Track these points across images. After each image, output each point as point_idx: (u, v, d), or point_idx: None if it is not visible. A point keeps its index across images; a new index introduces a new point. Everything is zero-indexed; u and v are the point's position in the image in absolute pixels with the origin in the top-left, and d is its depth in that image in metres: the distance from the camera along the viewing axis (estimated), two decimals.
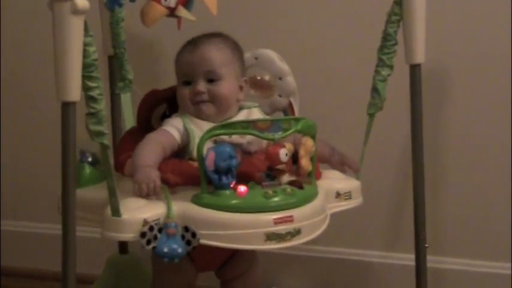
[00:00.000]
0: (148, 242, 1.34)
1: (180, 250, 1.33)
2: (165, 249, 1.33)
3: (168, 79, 1.75)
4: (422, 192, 1.65)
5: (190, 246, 1.34)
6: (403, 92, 1.62)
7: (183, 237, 1.34)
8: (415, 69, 1.61)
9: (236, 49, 1.57)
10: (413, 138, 1.63)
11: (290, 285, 1.95)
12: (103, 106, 1.28)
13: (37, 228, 2.21)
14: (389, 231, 1.92)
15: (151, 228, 1.34)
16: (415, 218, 1.66)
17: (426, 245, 1.65)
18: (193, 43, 1.55)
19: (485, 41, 1.80)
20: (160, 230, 1.34)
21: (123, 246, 1.89)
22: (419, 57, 1.59)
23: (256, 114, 1.57)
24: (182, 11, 1.61)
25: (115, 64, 1.74)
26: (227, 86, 1.52)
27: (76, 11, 1.21)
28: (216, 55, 1.52)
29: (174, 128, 1.50)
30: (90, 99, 1.27)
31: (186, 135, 1.49)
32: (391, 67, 1.59)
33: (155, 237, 1.34)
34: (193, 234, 1.34)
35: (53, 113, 2.04)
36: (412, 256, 1.66)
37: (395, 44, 1.58)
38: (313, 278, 1.97)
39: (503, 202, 1.83)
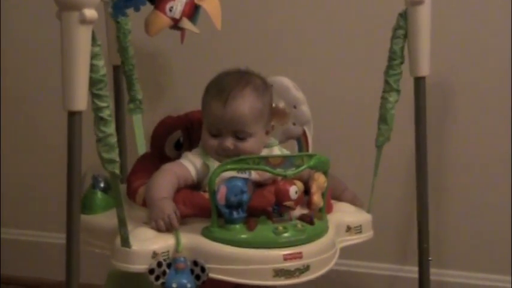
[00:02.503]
0: (157, 278, 1.34)
1: (189, 285, 1.34)
2: (174, 285, 1.33)
3: (171, 94, 1.76)
4: (426, 206, 1.65)
5: (199, 281, 1.35)
6: (406, 104, 1.61)
7: (192, 271, 1.35)
8: (419, 82, 1.60)
9: (266, 95, 1.53)
10: (418, 151, 1.63)
11: None
12: (113, 129, 1.28)
13: (38, 236, 2.22)
14: (397, 244, 1.93)
15: (159, 264, 1.34)
16: (419, 231, 1.66)
17: (430, 258, 1.66)
18: (224, 97, 1.48)
19: (487, 53, 1.81)
20: (169, 265, 1.34)
21: None
22: (424, 69, 1.58)
23: (276, 152, 1.56)
24: (186, 23, 1.58)
25: (125, 82, 1.75)
26: (255, 143, 1.50)
27: (84, 21, 1.21)
28: (247, 114, 1.48)
29: (191, 164, 1.49)
30: (100, 121, 1.27)
31: (203, 171, 1.48)
32: (398, 92, 1.57)
33: (164, 273, 1.34)
34: (203, 269, 1.35)
35: (55, 120, 2.08)
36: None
37: (402, 62, 1.56)
38: None
39: (505, 216, 1.84)
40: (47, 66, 2.04)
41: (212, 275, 1.35)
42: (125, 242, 1.35)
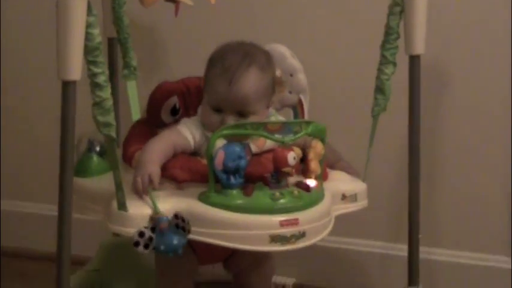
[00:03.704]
0: (146, 247, 1.33)
1: (176, 241, 1.32)
2: (162, 247, 1.32)
3: (166, 66, 1.74)
4: (417, 183, 1.64)
5: (186, 232, 1.33)
6: (401, 84, 1.61)
7: (177, 226, 1.33)
8: (414, 61, 1.59)
9: (269, 72, 1.51)
10: (411, 131, 1.63)
11: (290, 274, 1.96)
12: (109, 94, 1.28)
13: (35, 208, 2.21)
14: (389, 222, 1.94)
15: (141, 234, 1.33)
16: (410, 208, 1.65)
17: (420, 235, 1.66)
18: (228, 77, 1.46)
19: (485, 34, 1.81)
20: (153, 229, 1.33)
21: None
22: (419, 48, 1.57)
23: (273, 119, 1.55)
24: None
25: (120, 50, 1.74)
26: (257, 120, 1.48)
27: None
28: (251, 95, 1.47)
29: (190, 133, 1.48)
30: (95, 86, 1.26)
31: (202, 141, 1.48)
32: (394, 64, 1.57)
33: (150, 239, 1.33)
34: (183, 219, 1.33)
35: (53, 92, 2.06)
36: None
37: (398, 37, 1.56)
38: (313, 266, 1.98)
39: (497, 196, 1.85)
40: (43, 37, 2.03)
41: (208, 240, 1.35)
42: (122, 206, 1.34)
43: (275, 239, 1.36)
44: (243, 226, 1.35)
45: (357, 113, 1.79)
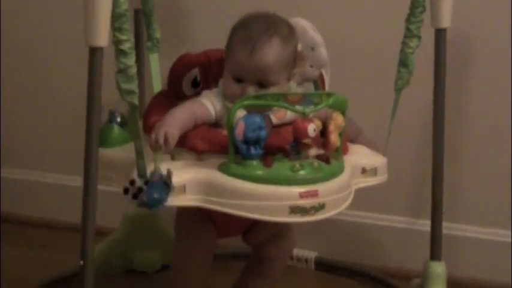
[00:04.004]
0: (134, 196, 1.33)
1: (156, 195, 1.32)
2: (144, 198, 1.32)
3: (190, 39, 1.72)
4: (441, 158, 1.65)
5: (168, 188, 1.33)
6: (425, 59, 1.60)
7: (165, 183, 1.33)
8: (440, 34, 1.59)
9: (291, 44, 1.51)
10: (435, 106, 1.63)
11: (312, 248, 1.97)
12: (133, 62, 1.29)
13: (38, 176, 2.23)
14: (411, 197, 1.94)
15: (131, 183, 1.33)
16: (433, 183, 1.66)
17: (443, 211, 1.66)
18: (250, 46, 1.45)
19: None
20: (147, 183, 1.33)
21: None
22: (446, 21, 1.56)
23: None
24: None
25: (144, 22, 1.74)
26: (277, 91, 1.47)
27: None
28: (272, 65, 1.46)
29: (211, 104, 1.48)
30: (120, 53, 1.27)
31: (222, 111, 1.48)
32: (419, 38, 1.56)
33: (140, 190, 1.33)
34: (169, 175, 1.33)
35: (62, 56, 2.07)
36: None
37: (423, 10, 1.55)
38: (335, 241, 1.99)
39: None
40: (66, 3, 2.05)
41: (227, 211, 1.36)
42: (142, 174, 1.35)
43: (295, 210, 1.36)
44: (263, 197, 1.35)
45: (379, 87, 1.78)
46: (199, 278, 1.58)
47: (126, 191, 1.34)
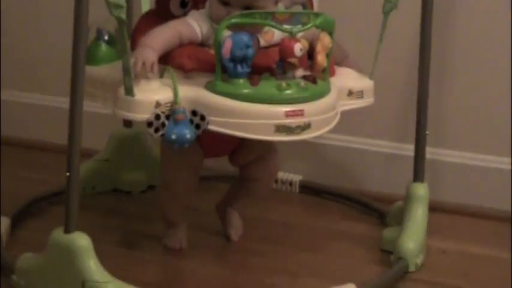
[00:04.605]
0: (157, 130, 1.36)
1: (188, 136, 1.35)
2: (173, 136, 1.35)
3: None
4: (426, 83, 1.65)
5: (200, 130, 1.36)
6: None
7: (191, 121, 1.36)
8: None
9: None
10: (423, 30, 1.63)
11: (297, 171, 1.99)
12: None
13: (38, 99, 2.23)
14: (397, 122, 1.95)
15: (157, 117, 1.35)
16: (418, 105, 1.67)
17: (427, 132, 1.67)
18: None
19: None
20: (168, 117, 1.35)
21: (127, 120, 1.90)
22: None
23: None
24: None
25: None
26: None
27: None
28: None
29: (198, 24, 1.47)
30: None
31: (209, 32, 1.47)
32: None
33: (163, 125, 1.35)
34: (202, 117, 1.36)
35: None
36: None
37: None
38: (320, 164, 2.01)
39: (506, 98, 1.85)
40: None
41: (213, 128, 1.37)
42: (129, 91, 1.35)
43: (280, 129, 1.38)
44: (249, 115, 1.37)
45: (367, 10, 1.77)
46: (186, 195, 1.61)
47: (150, 124, 1.35)
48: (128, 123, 1.92)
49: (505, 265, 1.64)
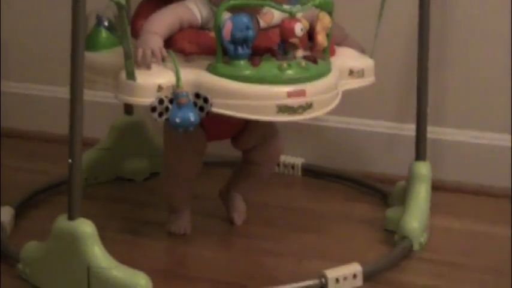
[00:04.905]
0: (160, 115, 1.36)
1: (192, 118, 1.36)
2: (178, 120, 1.35)
3: None
4: (426, 60, 1.65)
5: (203, 112, 1.36)
6: None
7: (195, 104, 1.36)
8: None
9: None
10: (421, 8, 1.63)
11: (299, 154, 1.99)
12: None
13: (39, 90, 2.23)
14: (398, 102, 1.95)
15: (161, 101, 1.36)
16: (418, 84, 1.66)
17: (428, 111, 1.67)
18: None
19: None
20: (171, 101, 1.36)
21: (128, 108, 1.92)
22: None
23: None
24: None
25: None
26: None
27: None
28: None
29: (197, 8, 1.47)
30: None
31: (209, 17, 1.46)
32: None
33: (166, 109, 1.36)
34: (205, 100, 1.36)
35: None
36: None
37: None
38: (322, 147, 2.01)
39: (506, 74, 1.85)
40: None
41: (216, 110, 1.38)
42: (130, 75, 1.36)
43: (282, 109, 1.38)
44: (251, 96, 1.37)
45: None
46: (190, 179, 1.62)
47: (154, 109, 1.36)
48: (129, 111, 1.92)
49: (507, 241, 1.64)
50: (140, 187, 1.90)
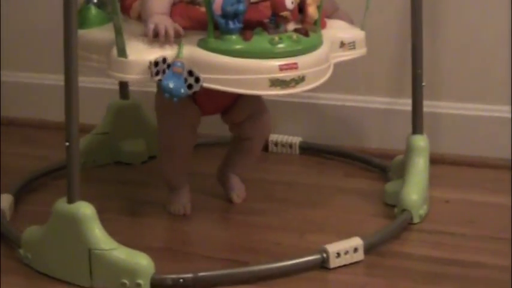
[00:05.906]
0: (157, 73, 1.35)
1: (182, 90, 1.35)
2: (170, 85, 1.35)
3: None
4: (420, 31, 1.64)
5: (191, 90, 1.36)
6: None
7: (185, 80, 1.36)
8: None
9: None
10: None
11: (296, 133, 1.99)
12: None
13: (38, 79, 2.23)
14: (393, 76, 1.94)
15: (164, 61, 1.35)
16: (413, 56, 1.65)
17: (423, 84, 1.66)
18: None
19: None
20: (169, 66, 1.35)
21: (124, 92, 1.92)
22: None
23: None
24: None
25: None
26: None
27: None
28: None
29: None
30: None
31: None
32: None
33: (164, 72, 1.35)
34: (197, 79, 1.36)
35: None
36: None
37: None
38: (319, 125, 2.01)
39: (502, 46, 1.84)
40: None
41: (208, 85, 1.37)
42: (122, 52, 1.36)
43: (275, 83, 1.38)
44: (243, 70, 1.37)
45: None
46: (186, 154, 1.62)
47: (156, 64, 1.35)
48: (124, 95, 1.92)
49: (507, 211, 1.64)
50: (139, 169, 1.90)
